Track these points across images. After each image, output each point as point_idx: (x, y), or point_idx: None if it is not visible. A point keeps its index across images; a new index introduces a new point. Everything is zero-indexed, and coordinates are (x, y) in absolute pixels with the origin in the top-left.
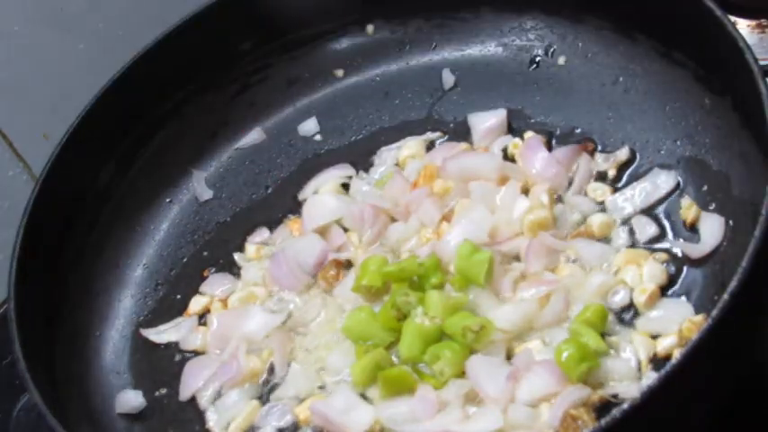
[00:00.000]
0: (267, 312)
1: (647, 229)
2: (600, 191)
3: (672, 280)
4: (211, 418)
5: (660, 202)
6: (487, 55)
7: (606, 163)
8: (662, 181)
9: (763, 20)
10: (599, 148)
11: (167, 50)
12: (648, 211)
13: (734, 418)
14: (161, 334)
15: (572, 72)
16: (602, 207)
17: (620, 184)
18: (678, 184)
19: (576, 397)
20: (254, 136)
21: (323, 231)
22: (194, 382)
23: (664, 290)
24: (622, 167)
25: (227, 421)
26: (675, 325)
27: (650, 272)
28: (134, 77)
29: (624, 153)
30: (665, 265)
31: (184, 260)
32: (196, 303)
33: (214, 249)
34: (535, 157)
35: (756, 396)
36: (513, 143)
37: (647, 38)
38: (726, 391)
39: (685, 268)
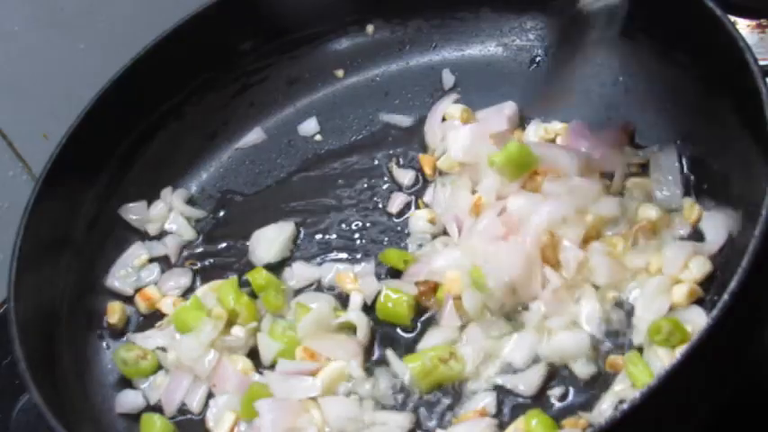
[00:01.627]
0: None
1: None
2: (641, 182)
3: None
4: (211, 419)
5: (683, 173)
6: (487, 55)
7: (629, 159)
8: (664, 160)
9: (763, 20)
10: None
11: (167, 50)
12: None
13: (734, 418)
14: (147, 339)
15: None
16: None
17: None
18: (680, 155)
19: None
20: (254, 136)
21: None
22: (175, 396)
23: None
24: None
25: (224, 420)
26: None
27: (696, 266)
28: (134, 77)
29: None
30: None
31: None
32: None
33: None
34: (580, 142)
35: (756, 396)
36: (544, 127)
37: (647, 38)
38: (726, 390)
39: None
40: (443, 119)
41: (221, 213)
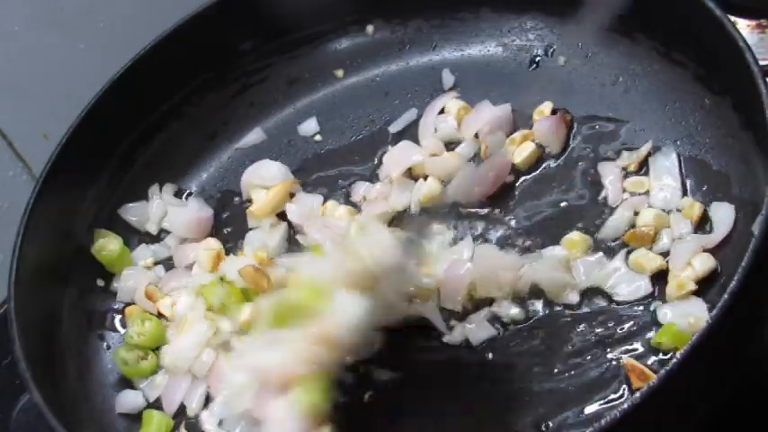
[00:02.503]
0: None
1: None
2: (640, 182)
3: None
4: (207, 421)
5: (682, 173)
6: (487, 55)
7: (629, 159)
8: (664, 161)
9: (763, 20)
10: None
11: (167, 50)
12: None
13: (734, 418)
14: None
15: (572, 72)
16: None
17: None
18: (679, 154)
19: None
20: (254, 136)
21: None
22: (175, 397)
23: None
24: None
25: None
26: (685, 319)
27: (699, 263)
28: (134, 77)
29: (646, 147)
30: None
31: None
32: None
33: None
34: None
35: (756, 395)
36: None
37: (647, 38)
38: (726, 390)
39: None
40: (442, 110)
41: (221, 213)
